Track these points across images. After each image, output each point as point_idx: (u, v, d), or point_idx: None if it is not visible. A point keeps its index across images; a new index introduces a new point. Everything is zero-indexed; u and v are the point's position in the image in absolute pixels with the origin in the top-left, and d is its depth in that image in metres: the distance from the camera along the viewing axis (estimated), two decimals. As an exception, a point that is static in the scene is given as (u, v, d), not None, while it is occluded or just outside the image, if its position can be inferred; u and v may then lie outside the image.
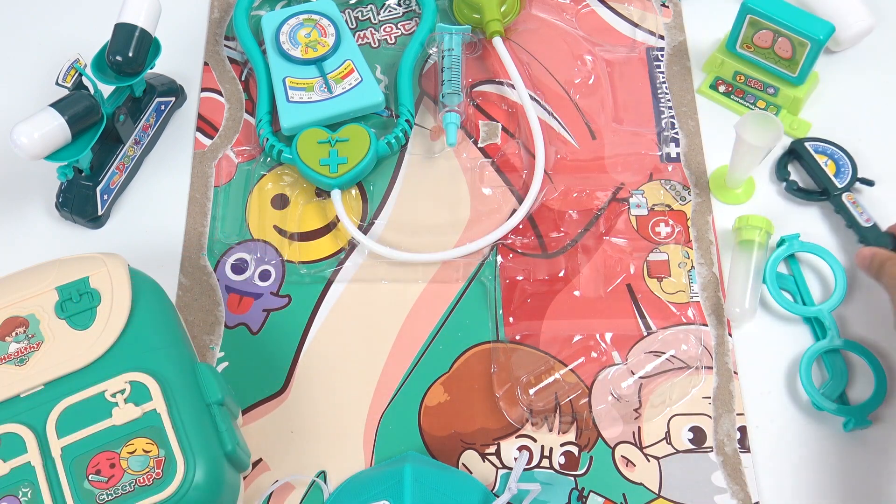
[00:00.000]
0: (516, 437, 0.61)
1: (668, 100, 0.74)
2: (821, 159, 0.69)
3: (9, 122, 0.62)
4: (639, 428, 0.61)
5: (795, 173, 0.70)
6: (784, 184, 0.69)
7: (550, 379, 0.62)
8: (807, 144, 0.70)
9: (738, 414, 0.61)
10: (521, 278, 0.66)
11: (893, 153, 0.71)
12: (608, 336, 0.64)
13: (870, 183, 0.69)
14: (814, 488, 0.59)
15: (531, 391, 0.62)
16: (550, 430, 0.61)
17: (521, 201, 0.69)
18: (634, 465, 0.60)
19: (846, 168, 0.69)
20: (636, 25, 0.78)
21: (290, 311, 0.66)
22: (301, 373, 0.64)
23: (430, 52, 0.77)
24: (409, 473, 0.54)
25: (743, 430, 0.61)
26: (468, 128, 0.73)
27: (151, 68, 0.69)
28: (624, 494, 0.59)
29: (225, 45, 0.78)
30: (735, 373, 0.62)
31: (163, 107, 0.73)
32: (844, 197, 0.68)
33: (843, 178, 0.68)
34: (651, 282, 0.66)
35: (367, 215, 0.70)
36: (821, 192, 0.69)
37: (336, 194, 0.68)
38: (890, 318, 0.64)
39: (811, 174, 0.70)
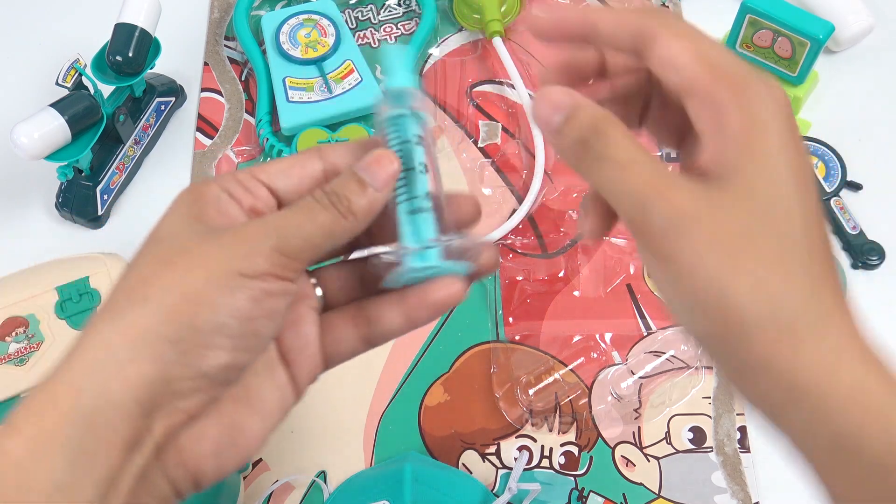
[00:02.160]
0: (516, 437, 0.61)
1: (668, 100, 0.74)
2: (811, 160, 0.69)
3: (9, 122, 0.62)
4: (639, 428, 0.61)
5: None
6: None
7: (550, 379, 0.62)
8: (801, 144, 0.70)
9: (738, 414, 0.61)
10: (521, 278, 0.66)
11: (892, 153, 0.71)
12: (608, 336, 0.64)
13: (858, 187, 0.69)
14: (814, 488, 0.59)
15: (531, 391, 0.62)
16: (550, 430, 0.61)
17: (521, 201, 0.69)
18: (634, 465, 0.60)
19: (836, 171, 0.69)
20: (636, 25, 0.78)
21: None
22: (301, 373, 0.64)
23: (430, 52, 0.77)
24: (409, 473, 0.54)
25: (743, 430, 0.61)
26: (468, 128, 0.73)
27: (151, 68, 0.69)
28: (624, 494, 0.59)
29: (225, 45, 0.78)
30: (735, 373, 0.62)
31: (163, 107, 0.73)
32: (832, 202, 0.68)
33: (831, 182, 0.68)
34: (651, 282, 0.66)
35: (367, 215, 0.69)
36: None
37: (336, 194, 0.68)
38: (891, 311, 0.64)
39: None
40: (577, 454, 0.60)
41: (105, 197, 0.69)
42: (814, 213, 0.28)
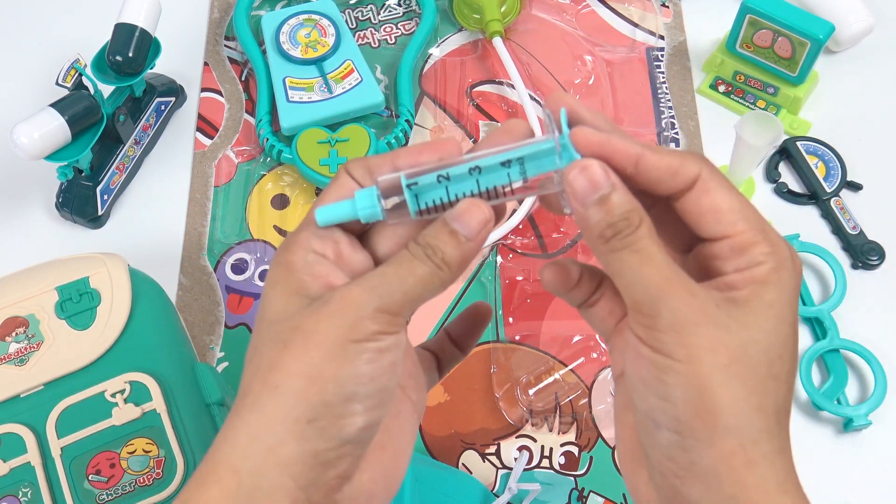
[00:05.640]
0: (516, 437, 0.61)
1: (668, 100, 0.74)
2: (811, 160, 0.69)
3: (9, 122, 0.62)
4: (639, 428, 0.61)
5: (786, 174, 0.71)
6: (774, 185, 0.70)
7: (550, 379, 0.62)
8: (799, 144, 0.70)
9: (738, 414, 0.61)
10: (520, 278, 0.66)
11: (892, 153, 0.71)
12: (608, 336, 0.64)
13: (858, 187, 0.69)
14: (814, 488, 0.59)
15: (531, 391, 0.62)
16: (550, 430, 0.61)
17: (521, 201, 0.69)
18: (634, 465, 0.60)
19: (836, 171, 0.69)
20: (636, 25, 0.78)
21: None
22: (301, 373, 0.64)
23: (430, 52, 0.77)
24: (409, 473, 0.54)
25: (743, 430, 0.61)
26: (468, 128, 0.73)
27: (151, 68, 0.69)
28: (624, 494, 0.59)
29: (225, 45, 0.78)
30: (735, 373, 0.62)
31: (163, 107, 0.73)
32: (833, 202, 0.68)
33: (832, 182, 0.68)
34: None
35: (367, 215, 0.69)
36: (809, 195, 0.69)
37: (336, 194, 0.68)
38: (891, 311, 0.64)
39: (801, 176, 0.70)
40: (577, 454, 0.60)
41: (105, 197, 0.69)
42: (795, 368, 0.31)
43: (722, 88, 0.74)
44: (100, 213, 0.69)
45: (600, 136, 0.31)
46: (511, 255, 0.67)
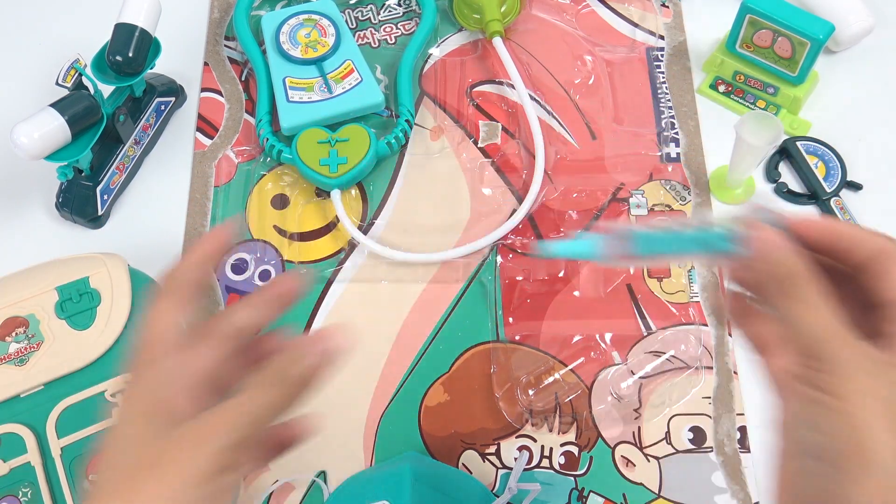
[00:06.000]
0: (516, 437, 0.61)
1: (668, 100, 0.74)
2: (811, 160, 0.69)
3: (9, 122, 0.62)
4: (639, 428, 0.61)
5: (786, 174, 0.71)
6: (774, 185, 0.70)
7: (550, 379, 0.62)
8: (799, 144, 0.70)
9: (738, 414, 0.61)
10: (520, 278, 0.66)
11: (892, 153, 0.71)
12: (608, 336, 0.64)
13: (858, 187, 0.69)
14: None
15: (531, 391, 0.62)
16: (550, 430, 0.61)
17: (521, 201, 0.69)
18: (634, 465, 0.60)
19: (836, 171, 0.69)
20: (636, 25, 0.78)
21: (289, 312, 0.66)
22: (301, 373, 0.64)
23: (430, 52, 0.77)
24: (409, 473, 0.54)
25: (743, 430, 0.61)
26: (468, 128, 0.73)
27: (151, 68, 0.69)
28: (624, 494, 0.59)
29: (225, 45, 0.79)
30: (735, 373, 0.62)
31: (163, 107, 0.73)
32: (833, 202, 0.68)
33: (832, 182, 0.68)
34: (651, 282, 0.66)
35: (367, 215, 0.70)
36: (810, 195, 0.69)
37: (336, 194, 0.68)
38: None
39: (801, 176, 0.70)
40: (577, 454, 0.60)
41: (105, 197, 0.69)
42: None
43: (722, 88, 0.74)
44: (100, 213, 0.69)
45: (796, 218, 0.36)
46: (511, 255, 0.67)
